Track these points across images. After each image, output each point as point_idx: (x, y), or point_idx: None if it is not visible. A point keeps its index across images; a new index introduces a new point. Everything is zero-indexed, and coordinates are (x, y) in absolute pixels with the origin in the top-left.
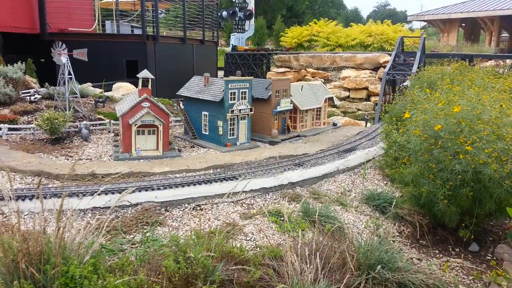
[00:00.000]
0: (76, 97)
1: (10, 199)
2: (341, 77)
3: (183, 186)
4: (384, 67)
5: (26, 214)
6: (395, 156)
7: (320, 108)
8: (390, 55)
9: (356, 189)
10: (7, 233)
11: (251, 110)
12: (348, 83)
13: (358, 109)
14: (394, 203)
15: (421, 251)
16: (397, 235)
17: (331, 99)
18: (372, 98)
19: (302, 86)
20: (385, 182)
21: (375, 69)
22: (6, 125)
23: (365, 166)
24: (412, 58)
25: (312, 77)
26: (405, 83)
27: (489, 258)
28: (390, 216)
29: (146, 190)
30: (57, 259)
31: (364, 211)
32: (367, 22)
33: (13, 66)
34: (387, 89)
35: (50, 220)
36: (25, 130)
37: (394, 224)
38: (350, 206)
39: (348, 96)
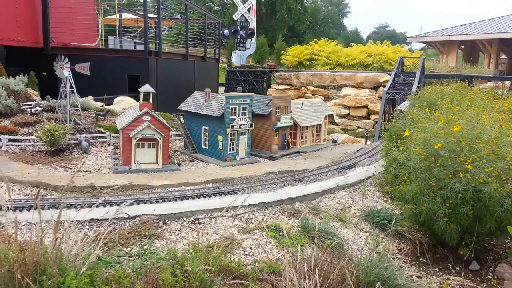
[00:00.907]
0: (77, 110)
1: (8, 209)
2: (341, 95)
3: (181, 200)
4: (384, 86)
5: (24, 225)
6: (395, 173)
7: (320, 125)
8: (389, 74)
9: (355, 206)
10: (3, 244)
11: (251, 125)
12: (348, 101)
13: (358, 127)
14: (394, 221)
15: (421, 269)
16: (397, 253)
17: (331, 116)
18: (372, 116)
19: (303, 103)
20: (385, 199)
21: (375, 88)
22: (6, 136)
23: (365, 183)
24: (411, 78)
25: (312, 94)
26: (400, 106)
27: (490, 277)
28: (390, 233)
29: (145, 203)
30: (53, 270)
31: (363, 228)
32: (367, 43)
33: (15, 78)
34: (387, 108)
35: (48, 231)
36: (25, 142)
37: (394, 241)
38: (349, 222)
39: (348, 114)
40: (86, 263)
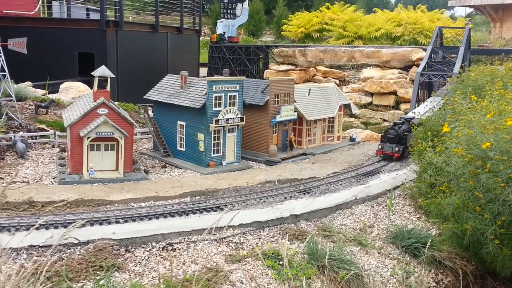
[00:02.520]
0: (10, 100)
1: None
2: (362, 78)
3: (150, 219)
4: (418, 65)
5: None
6: (430, 181)
7: (333, 118)
8: (425, 50)
9: (379, 225)
10: None
11: (242, 119)
12: (371, 86)
13: (384, 120)
14: (429, 244)
15: None
16: (434, 286)
17: (347, 106)
18: (402, 106)
19: (310, 89)
20: (417, 216)
21: (406, 68)
22: None
23: (391, 194)
24: (453, 55)
25: (324, 77)
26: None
27: None
28: (424, 261)
29: (101, 224)
30: None
31: (390, 254)
32: (396, 8)
33: None
34: (422, 94)
35: None
36: None
37: (430, 271)
38: (371, 246)
39: (371, 103)
40: None
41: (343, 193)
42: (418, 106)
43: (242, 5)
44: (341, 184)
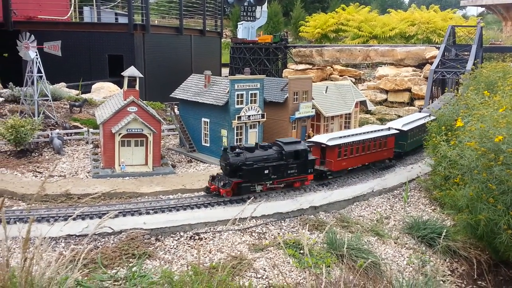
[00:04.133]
0: (47, 100)
1: None
2: (377, 76)
3: (177, 210)
4: (431, 63)
5: None
6: (444, 174)
7: (349, 114)
8: (438, 48)
9: (395, 216)
10: None
11: (262, 116)
12: (386, 84)
13: (399, 116)
14: (444, 234)
15: None
16: (449, 274)
17: (363, 103)
18: (416, 102)
19: (327, 87)
20: (432, 207)
21: (420, 66)
22: None
23: (407, 186)
24: (466, 53)
25: (340, 75)
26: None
27: None
28: (439, 250)
29: (132, 215)
30: None
31: (406, 244)
32: (409, 8)
33: None
34: (435, 91)
35: (14, 250)
36: None
37: (445, 260)
38: (388, 237)
39: (386, 100)
40: None
41: (360, 186)
42: (432, 102)
43: (261, 8)
44: (357, 177)
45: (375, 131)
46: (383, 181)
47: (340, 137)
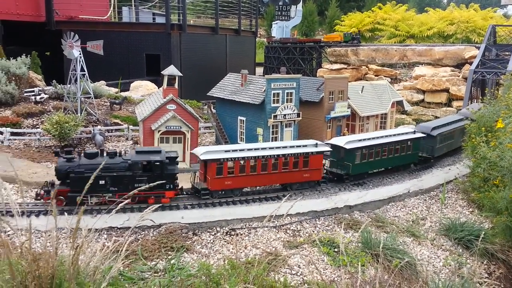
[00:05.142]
0: (89, 97)
1: (19, 215)
2: (414, 76)
3: (214, 206)
4: (470, 63)
5: (32, 233)
6: (484, 176)
7: (385, 114)
8: (478, 48)
9: (432, 217)
10: (15, 253)
11: (298, 115)
12: (423, 84)
13: (436, 117)
14: (482, 236)
15: None
16: (486, 277)
17: (400, 103)
18: (455, 103)
19: (363, 86)
20: (470, 209)
21: (459, 66)
22: (9, 129)
23: (444, 188)
24: (507, 53)
25: (376, 75)
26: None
27: None
28: (476, 253)
29: (171, 209)
30: (70, 284)
31: (442, 245)
32: (448, 7)
33: (16, 60)
34: (474, 92)
35: (60, 239)
36: (29, 135)
37: (482, 262)
38: (424, 238)
39: (423, 100)
40: (107, 277)
41: (395, 186)
42: (471, 103)
43: (296, 7)
44: (393, 178)
45: (292, 146)
46: (420, 182)
47: (226, 151)
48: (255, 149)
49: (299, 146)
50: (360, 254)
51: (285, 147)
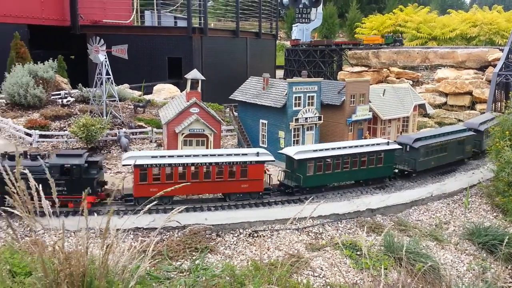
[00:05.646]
0: (114, 100)
1: (50, 215)
2: (436, 79)
3: (237, 208)
4: (494, 66)
5: (61, 232)
6: (508, 180)
7: (407, 117)
8: (502, 50)
9: (455, 221)
10: (48, 251)
11: (319, 118)
12: (445, 87)
13: (459, 120)
14: (506, 241)
15: None
16: (510, 282)
17: (422, 106)
18: (478, 106)
19: (385, 89)
20: (494, 214)
21: (482, 68)
22: (37, 132)
23: (468, 192)
24: None
25: (397, 78)
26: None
27: None
28: (501, 257)
29: (195, 211)
30: (100, 282)
31: (466, 250)
32: (471, 9)
33: (43, 64)
34: (498, 95)
35: (90, 240)
36: (57, 138)
37: (507, 267)
38: (447, 242)
39: (445, 103)
40: (135, 276)
41: (418, 190)
42: (495, 106)
43: (316, 10)
44: (415, 181)
45: (236, 154)
46: (443, 186)
47: (157, 157)
48: (186, 155)
49: (238, 154)
50: (382, 258)
51: (221, 155)
